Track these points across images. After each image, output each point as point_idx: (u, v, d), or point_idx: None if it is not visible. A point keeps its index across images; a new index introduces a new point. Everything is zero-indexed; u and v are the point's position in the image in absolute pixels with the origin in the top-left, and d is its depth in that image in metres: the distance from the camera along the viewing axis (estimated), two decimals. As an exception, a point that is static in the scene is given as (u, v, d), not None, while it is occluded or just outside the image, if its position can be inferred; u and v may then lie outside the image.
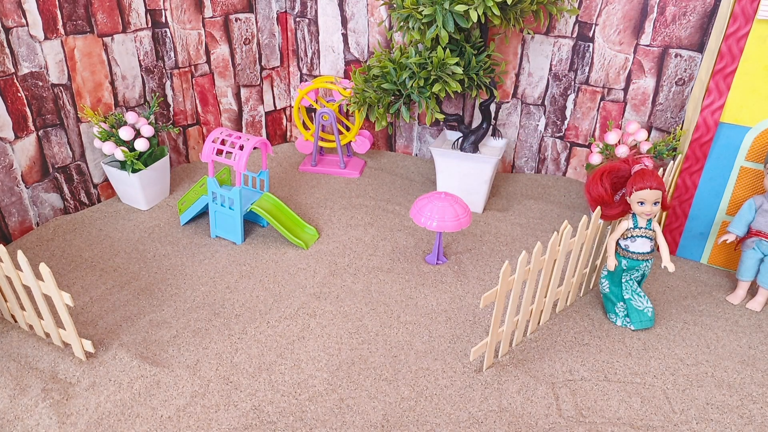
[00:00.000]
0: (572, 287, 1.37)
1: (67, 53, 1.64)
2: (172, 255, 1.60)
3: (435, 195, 1.50)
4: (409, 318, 1.36)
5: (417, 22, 1.53)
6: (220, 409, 1.11)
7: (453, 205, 1.46)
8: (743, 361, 1.25)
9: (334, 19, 2.03)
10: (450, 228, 1.44)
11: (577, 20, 1.78)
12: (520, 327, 1.24)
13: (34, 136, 1.63)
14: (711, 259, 1.59)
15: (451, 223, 1.44)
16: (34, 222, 1.69)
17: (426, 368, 1.21)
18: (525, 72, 1.91)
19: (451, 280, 1.50)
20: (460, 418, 1.08)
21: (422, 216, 1.47)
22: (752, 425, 1.09)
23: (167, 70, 1.92)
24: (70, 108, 1.69)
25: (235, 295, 1.44)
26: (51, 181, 1.71)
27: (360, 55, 2.07)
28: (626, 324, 1.33)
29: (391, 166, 2.14)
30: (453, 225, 1.44)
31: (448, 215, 1.44)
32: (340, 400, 1.12)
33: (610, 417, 1.10)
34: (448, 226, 1.44)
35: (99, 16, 1.69)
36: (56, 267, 1.54)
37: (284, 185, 1.98)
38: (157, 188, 1.83)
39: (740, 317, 1.39)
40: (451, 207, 1.46)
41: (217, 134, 1.58)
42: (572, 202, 1.90)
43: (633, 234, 1.28)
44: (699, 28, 1.64)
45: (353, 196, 1.91)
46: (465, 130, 1.78)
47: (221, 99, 2.09)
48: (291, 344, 1.28)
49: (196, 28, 1.92)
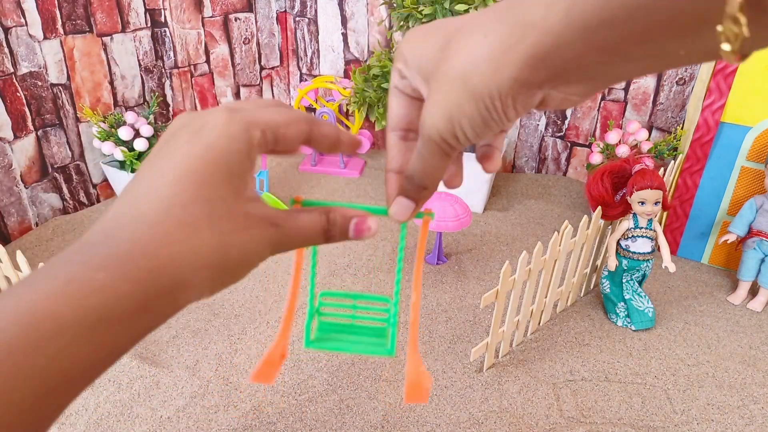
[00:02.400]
0: (573, 287, 1.37)
1: (66, 53, 1.64)
2: (172, 255, 1.60)
3: (434, 195, 1.49)
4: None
5: (417, 22, 1.53)
6: (219, 409, 1.11)
7: (453, 204, 1.46)
8: (744, 362, 1.24)
9: (334, 18, 2.03)
10: (451, 228, 1.44)
11: (577, 20, 1.78)
12: (520, 327, 1.24)
13: (33, 136, 1.63)
14: (712, 259, 1.58)
15: (452, 223, 1.44)
16: (33, 222, 1.69)
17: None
18: (525, 71, 1.91)
19: (451, 280, 1.50)
20: (461, 419, 1.08)
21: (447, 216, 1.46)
22: (753, 426, 1.08)
23: (166, 69, 1.91)
24: (69, 108, 1.69)
25: (234, 296, 1.43)
26: (50, 181, 1.71)
27: (360, 55, 2.07)
28: (627, 324, 1.33)
29: (391, 165, 2.13)
30: (453, 225, 1.44)
31: (448, 215, 1.44)
32: (340, 401, 1.12)
33: (611, 417, 1.09)
34: (448, 226, 1.44)
35: (98, 15, 1.69)
36: (55, 267, 1.53)
37: (284, 185, 1.98)
38: (156, 188, 1.83)
39: (741, 317, 1.39)
40: (451, 207, 1.45)
41: (217, 134, 1.57)
42: (573, 202, 1.90)
43: (634, 234, 1.27)
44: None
45: (353, 196, 1.91)
46: (465, 129, 1.78)
47: (221, 99, 2.09)
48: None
49: (196, 27, 1.92)
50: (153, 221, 0.28)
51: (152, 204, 0.29)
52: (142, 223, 0.28)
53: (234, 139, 0.31)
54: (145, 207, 0.29)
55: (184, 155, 0.30)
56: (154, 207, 0.29)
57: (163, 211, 0.28)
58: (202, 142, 0.30)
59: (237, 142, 0.31)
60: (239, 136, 0.31)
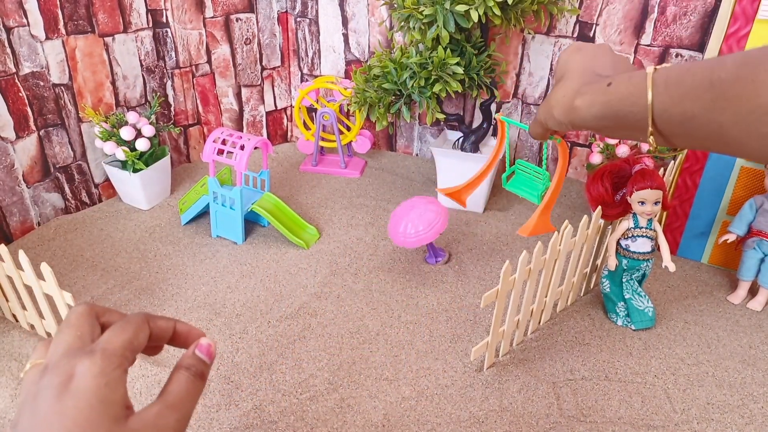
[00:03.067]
0: (573, 287, 1.37)
1: (69, 53, 1.65)
2: (173, 255, 1.60)
3: (402, 210, 1.47)
4: (410, 318, 1.36)
5: (418, 22, 1.53)
6: (221, 408, 1.11)
7: (424, 214, 1.44)
8: (744, 361, 1.25)
9: (335, 19, 2.04)
10: (429, 239, 1.43)
11: (577, 20, 1.78)
12: (520, 326, 1.24)
13: (35, 136, 1.63)
14: (712, 258, 1.59)
15: (427, 234, 1.42)
16: (35, 222, 1.70)
17: (427, 368, 1.21)
18: (526, 72, 1.92)
19: (451, 280, 1.50)
20: (461, 418, 1.08)
21: (398, 237, 1.45)
22: (753, 425, 1.09)
23: (168, 70, 1.92)
24: (71, 108, 1.70)
25: (236, 295, 1.44)
26: (52, 181, 1.71)
27: (361, 55, 2.08)
28: (627, 324, 1.33)
29: (391, 165, 2.14)
30: (430, 235, 1.43)
31: (421, 226, 1.43)
32: (341, 400, 1.13)
33: (611, 416, 1.10)
34: (422, 239, 1.42)
35: (100, 16, 1.69)
36: (57, 266, 1.54)
37: (285, 185, 1.98)
38: (158, 188, 1.84)
39: (741, 317, 1.39)
40: (422, 217, 1.43)
41: (218, 134, 1.58)
42: (573, 202, 1.90)
43: (633, 234, 1.28)
44: (700, 27, 1.64)
45: (354, 195, 1.92)
46: (465, 129, 1.78)
47: (222, 99, 2.10)
48: (292, 344, 1.28)
49: (197, 28, 1.92)
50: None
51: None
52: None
53: (109, 385, 0.36)
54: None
55: (62, 417, 0.33)
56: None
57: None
58: (78, 398, 0.34)
59: (114, 383, 0.36)
60: (115, 376, 0.36)
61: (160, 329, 0.46)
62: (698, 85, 0.48)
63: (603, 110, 0.53)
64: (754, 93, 0.42)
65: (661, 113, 0.49)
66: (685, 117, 0.48)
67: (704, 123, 0.47)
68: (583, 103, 0.55)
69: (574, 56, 0.66)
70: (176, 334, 0.49)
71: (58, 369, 0.36)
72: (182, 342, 0.50)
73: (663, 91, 0.49)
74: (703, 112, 0.47)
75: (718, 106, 0.45)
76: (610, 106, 0.54)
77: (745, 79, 0.43)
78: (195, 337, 0.50)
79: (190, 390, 0.43)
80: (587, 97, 0.55)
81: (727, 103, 0.44)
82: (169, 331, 0.47)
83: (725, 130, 0.46)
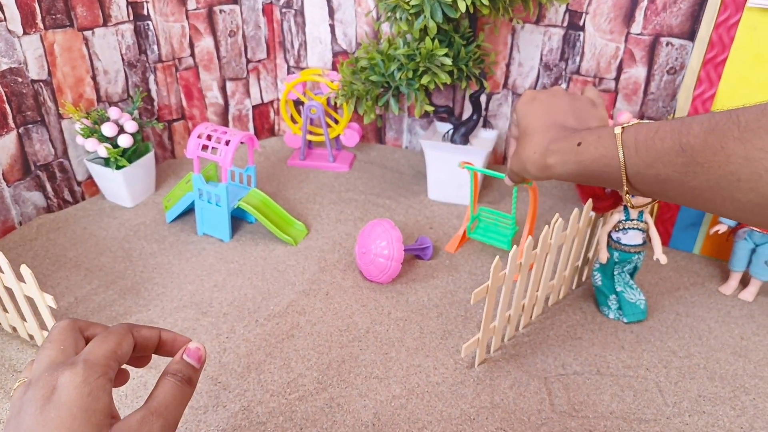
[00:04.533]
0: (565, 280, 1.36)
1: (47, 48, 1.60)
2: (159, 253, 1.57)
3: (363, 245, 1.43)
4: (400, 314, 1.34)
5: (404, 13, 1.50)
6: (208, 410, 1.09)
7: (378, 258, 1.39)
8: (735, 353, 1.24)
9: (321, 10, 2.00)
10: (384, 280, 1.41)
11: (567, 9, 1.76)
12: (512, 322, 1.23)
13: (15, 133, 1.59)
14: (703, 249, 1.58)
15: (385, 276, 1.40)
16: (16, 221, 1.66)
17: (417, 365, 1.19)
18: (515, 62, 1.89)
19: (442, 275, 1.48)
20: (452, 415, 1.07)
21: (372, 275, 1.42)
22: (745, 417, 1.08)
23: (150, 63, 1.88)
24: (51, 104, 1.66)
25: (222, 294, 1.41)
26: (33, 180, 1.67)
27: (348, 47, 2.04)
28: (619, 317, 1.33)
29: (381, 159, 2.11)
30: (386, 277, 1.40)
31: (374, 270, 1.40)
32: (331, 399, 1.11)
33: (602, 411, 1.09)
34: (385, 278, 1.40)
35: (78, 9, 1.65)
36: (40, 267, 1.51)
37: (272, 180, 1.95)
38: (142, 185, 1.80)
39: (732, 308, 1.38)
40: (375, 261, 1.39)
41: (202, 129, 1.54)
42: (563, 194, 1.89)
43: (625, 226, 1.26)
44: (690, 16, 1.62)
45: (343, 190, 1.89)
46: (455, 121, 1.76)
47: (206, 93, 2.06)
48: (280, 343, 1.26)
49: (179, 20, 1.88)
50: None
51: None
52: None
53: (92, 395, 0.35)
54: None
55: (45, 428, 0.33)
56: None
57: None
58: (60, 408, 0.34)
59: (97, 392, 0.36)
60: (97, 385, 0.36)
61: (144, 338, 0.47)
62: (669, 150, 0.47)
63: (577, 168, 0.55)
64: (724, 161, 0.42)
65: (634, 174, 0.50)
66: (658, 179, 0.49)
67: (678, 185, 0.47)
68: (556, 162, 0.58)
69: (531, 107, 0.66)
70: (162, 343, 0.49)
71: (41, 382, 0.36)
72: (169, 350, 0.49)
73: (634, 153, 0.50)
74: (677, 176, 0.47)
75: (690, 170, 0.45)
76: (584, 166, 0.55)
77: (714, 146, 0.42)
78: (181, 344, 0.50)
79: (177, 396, 0.43)
80: (558, 156, 0.57)
81: (699, 168, 0.45)
82: (154, 339, 0.48)
83: (699, 192, 0.46)
